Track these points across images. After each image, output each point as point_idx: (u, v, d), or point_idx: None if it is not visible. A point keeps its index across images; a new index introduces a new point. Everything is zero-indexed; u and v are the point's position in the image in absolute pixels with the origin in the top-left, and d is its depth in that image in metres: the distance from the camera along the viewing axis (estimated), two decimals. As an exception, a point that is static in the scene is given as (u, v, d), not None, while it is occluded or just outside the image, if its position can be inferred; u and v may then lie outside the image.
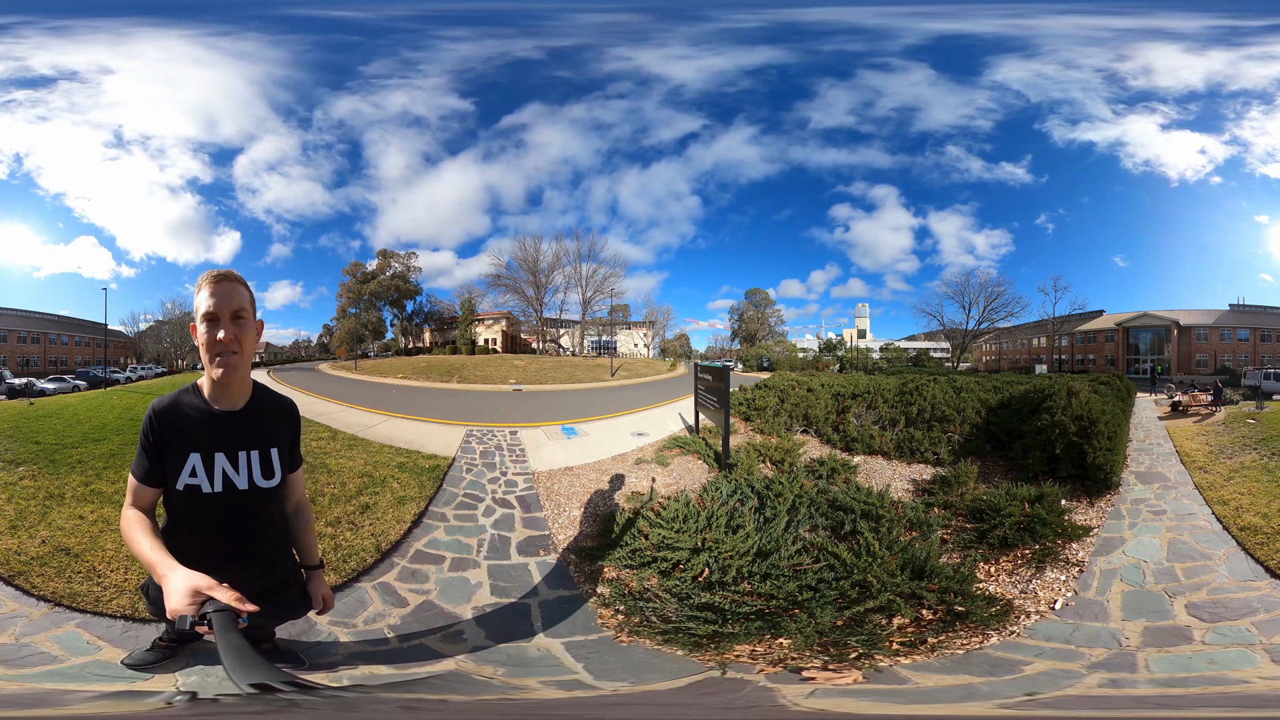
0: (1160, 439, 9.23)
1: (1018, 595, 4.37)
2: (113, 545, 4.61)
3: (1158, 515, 5.95)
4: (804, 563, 4.34)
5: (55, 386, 19.89)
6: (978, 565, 4.74)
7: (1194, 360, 25.72)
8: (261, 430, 2.12)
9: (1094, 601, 4.28)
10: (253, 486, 2.06)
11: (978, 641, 3.65)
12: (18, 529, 4.93)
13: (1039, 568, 4.73)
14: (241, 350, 1.96)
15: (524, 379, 21.50)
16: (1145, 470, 7.51)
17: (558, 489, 6.68)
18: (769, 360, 31.93)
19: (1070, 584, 4.56)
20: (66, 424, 9.11)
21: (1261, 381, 18.88)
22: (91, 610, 3.77)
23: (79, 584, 4.06)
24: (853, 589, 3.99)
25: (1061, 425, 6.96)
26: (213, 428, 2.02)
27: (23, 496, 5.73)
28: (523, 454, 8.06)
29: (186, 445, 1.99)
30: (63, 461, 6.82)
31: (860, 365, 30.91)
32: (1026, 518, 5.14)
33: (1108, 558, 5.00)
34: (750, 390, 11.03)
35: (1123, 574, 4.68)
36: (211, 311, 1.91)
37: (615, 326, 34.30)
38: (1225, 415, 10.58)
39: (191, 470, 1.99)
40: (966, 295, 30.54)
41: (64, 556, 4.43)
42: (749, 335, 34.96)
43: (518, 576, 4.63)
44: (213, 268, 2.01)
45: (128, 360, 29.21)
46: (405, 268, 32.27)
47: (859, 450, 8.06)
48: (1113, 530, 5.60)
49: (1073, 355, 29.45)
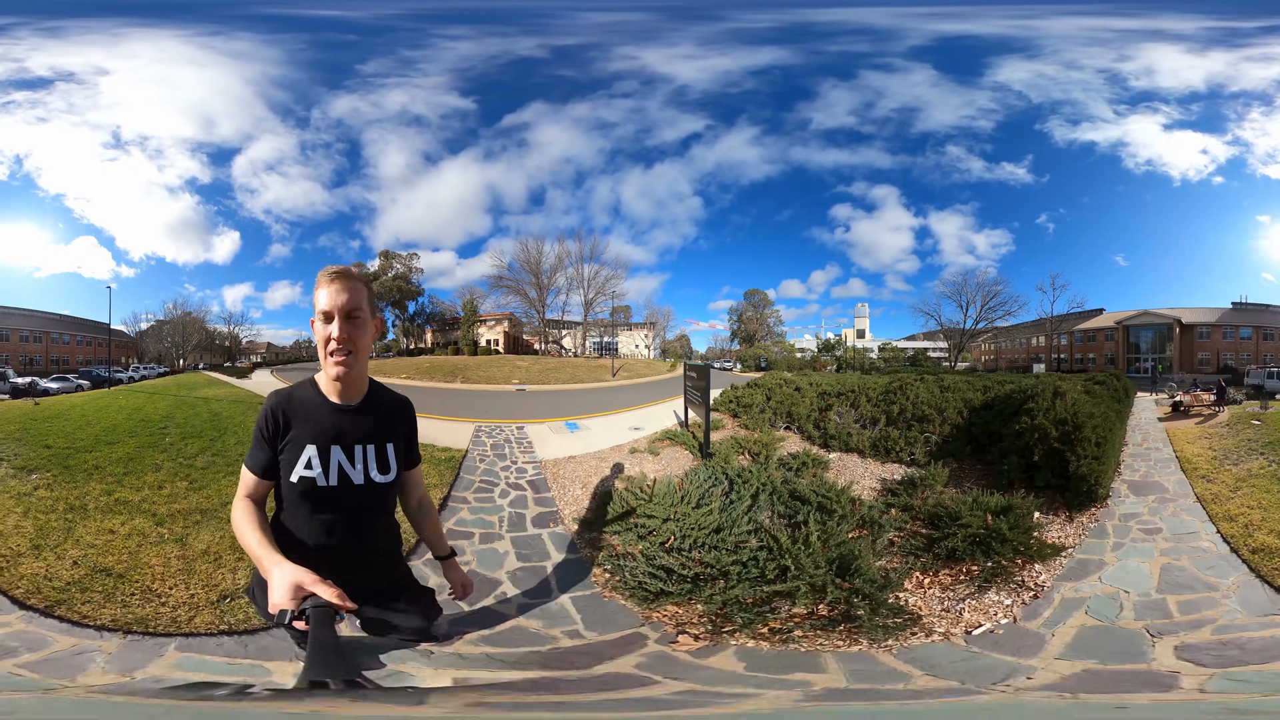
0: (1159, 442, 8.69)
1: (938, 613, 3.99)
2: (159, 560, 4.40)
3: (1150, 534, 5.20)
4: (749, 541, 4.60)
5: (59, 386, 19.87)
6: (913, 574, 4.47)
7: (1196, 359, 25.61)
8: (378, 425, 2.10)
9: (1032, 634, 3.70)
10: (368, 481, 2.04)
11: (851, 647, 3.51)
12: (41, 549, 4.47)
13: (982, 587, 4.22)
14: (356, 349, 1.97)
15: (527, 379, 21.62)
16: (1140, 479, 6.80)
17: (562, 474, 7.33)
18: (767, 360, 32.03)
19: (1012, 610, 3.98)
20: (76, 425, 9.04)
21: (1265, 381, 18.30)
22: (180, 632, 3.51)
23: (140, 607, 3.75)
24: (774, 571, 4.14)
25: (1041, 429, 6.38)
26: (330, 421, 2.02)
27: (41, 509, 5.30)
28: (530, 445, 8.67)
29: (303, 438, 1.98)
30: (78, 467, 6.62)
31: (858, 365, 31.00)
32: (985, 531, 4.64)
33: (1077, 584, 4.32)
34: (741, 389, 11.35)
35: (1091, 606, 3.98)
36: (327, 310, 1.92)
37: (617, 328, 34.37)
38: (1229, 416, 10.24)
39: (307, 463, 1.97)
40: (964, 294, 30.64)
41: (105, 578, 4.07)
42: (748, 336, 35.05)
43: (535, 545, 5.31)
44: (330, 265, 2.00)
45: (129, 360, 29.23)
46: (407, 269, 32.27)
47: (836, 447, 8.25)
48: (1092, 551, 4.90)
49: (1072, 354, 29.51)
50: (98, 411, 10.57)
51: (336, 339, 1.92)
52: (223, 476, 6.51)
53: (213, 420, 9.77)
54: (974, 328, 31.08)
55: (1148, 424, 10.18)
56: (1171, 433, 9.32)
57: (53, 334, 27.30)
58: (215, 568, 4.36)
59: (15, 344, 25.97)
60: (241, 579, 4.15)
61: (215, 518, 5.32)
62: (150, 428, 8.76)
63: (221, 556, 4.54)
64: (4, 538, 4.68)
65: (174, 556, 4.48)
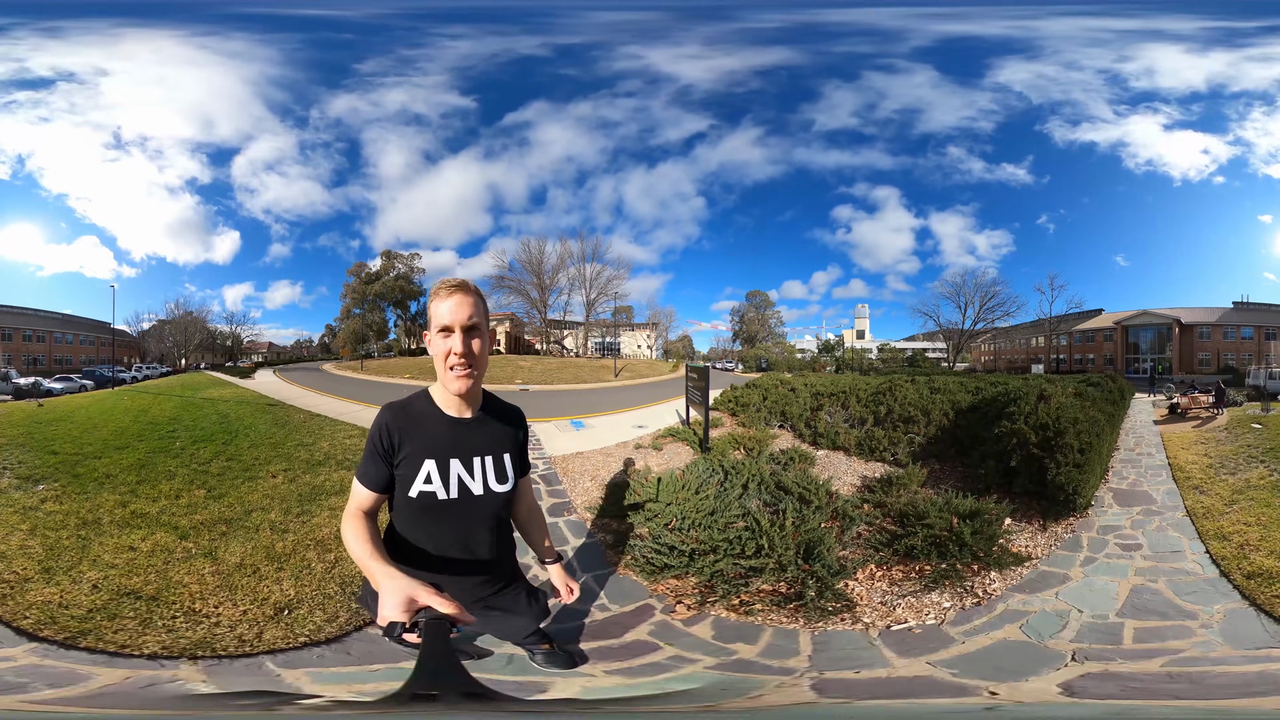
0: (1152, 447, 8.40)
1: (874, 605, 4.14)
2: (192, 578, 4.07)
3: (1128, 551, 4.84)
4: (736, 523, 5.00)
5: (63, 386, 19.86)
6: (868, 566, 4.64)
7: (1196, 359, 25.55)
8: (495, 435, 2.10)
9: (947, 639, 3.62)
10: (487, 491, 2.04)
11: (790, 624, 3.85)
12: (53, 572, 4.02)
13: (928, 587, 4.26)
14: (476, 363, 1.95)
15: (530, 379, 21.74)
16: (1127, 488, 6.46)
17: (572, 468, 7.56)
18: (767, 361, 32.15)
19: (945, 613, 3.93)
20: (82, 429, 8.84)
21: (1266, 381, 17.71)
22: (254, 651, 3.29)
23: (189, 631, 3.45)
24: (752, 549, 4.50)
25: (1020, 434, 6.20)
26: (448, 435, 2.01)
27: (50, 526, 4.83)
28: (539, 442, 8.85)
29: (421, 452, 1.96)
30: (87, 476, 6.25)
31: (856, 366, 31.10)
32: (947, 533, 4.66)
33: (1029, 597, 4.11)
34: (739, 389, 11.74)
35: (1030, 621, 3.76)
36: (448, 324, 1.90)
37: (619, 328, 34.42)
38: (1228, 419, 10.02)
39: (426, 477, 1.95)
40: (962, 295, 30.75)
41: (135, 602, 3.70)
42: (749, 337, 35.16)
43: (555, 532, 5.45)
44: (450, 276, 2.04)
45: (132, 360, 29.32)
46: (409, 269, 32.32)
47: (824, 445, 8.54)
48: (1058, 564, 4.65)
49: (1071, 355, 29.54)
50: (103, 413, 10.48)
51: (459, 354, 1.90)
52: (241, 483, 6.32)
53: (222, 423, 9.73)
54: (972, 328, 31.18)
55: (1142, 427, 9.97)
56: (1166, 437, 9.07)
57: (56, 333, 27.37)
58: (257, 581, 4.11)
59: (18, 343, 26.04)
60: (288, 589, 4.02)
61: (241, 527, 5.10)
62: (159, 431, 8.71)
63: (260, 568, 4.32)
64: (7, 560, 4.17)
65: (208, 573, 4.17)
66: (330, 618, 3.70)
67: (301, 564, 4.43)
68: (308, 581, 4.16)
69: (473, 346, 1.92)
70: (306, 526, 5.19)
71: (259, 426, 9.35)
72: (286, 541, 4.81)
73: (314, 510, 5.60)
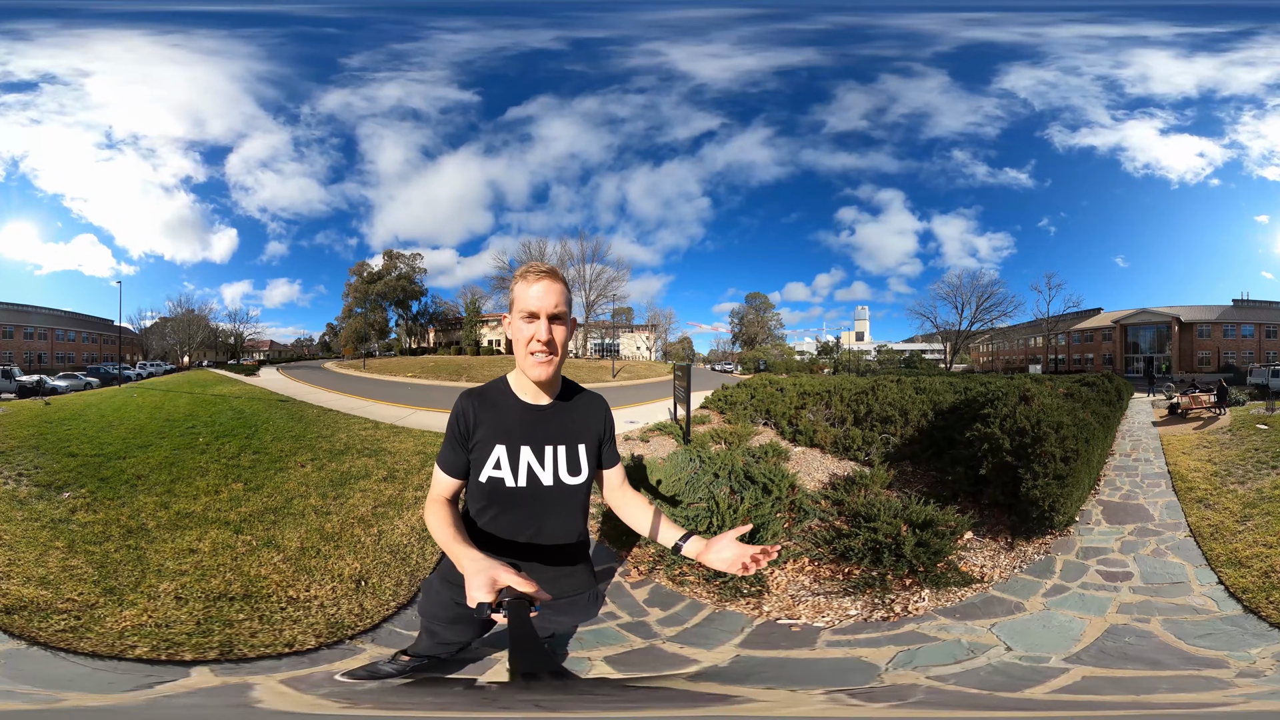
0: (1150, 452, 7.71)
1: (783, 596, 4.22)
2: (268, 569, 3.99)
3: (1112, 580, 3.94)
4: (698, 503, 5.33)
5: (68, 384, 19.76)
6: (800, 559, 4.66)
7: (1196, 358, 25.62)
8: (570, 425, 2.05)
9: (814, 642, 3.40)
10: (558, 482, 1.99)
11: (704, 598, 4.10)
12: (119, 591, 3.52)
13: (848, 592, 4.08)
14: (558, 350, 1.93)
15: (532, 379, 21.86)
16: (1120, 500, 5.67)
17: None
18: (765, 363, 32.33)
19: (847, 621, 3.71)
20: (98, 428, 8.56)
21: (1269, 379, 17.03)
22: (380, 620, 3.44)
23: (308, 616, 3.39)
24: (704, 526, 4.82)
25: (993, 440, 5.56)
26: (521, 421, 1.98)
27: (90, 539, 4.31)
28: None
29: (493, 437, 1.95)
30: (116, 479, 5.86)
31: (853, 367, 31.30)
32: (890, 539, 4.41)
33: (954, 623, 3.52)
34: (729, 388, 12.14)
35: (929, 652, 3.19)
36: (534, 309, 1.87)
37: (618, 329, 34.55)
38: (1231, 419, 9.51)
39: (496, 463, 1.94)
40: (959, 296, 31.02)
41: (230, 604, 3.47)
42: (749, 339, 35.36)
43: None
44: (535, 261, 2.01)
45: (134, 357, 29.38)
46: (410, 269, 32.44)
47: (802, 442, 8.61)
48: (1015, 591, 3.92)
49: (1069, 355, 29.68)
50: (116, 411, 10.36)
51: (542, 341, 1.88)
52: (274, 473, 6.37)
53: (239, 418, 9.76)
54: (969, 329, 31.43)
55: (1140, 429, 9.49)
56: (1166, 440, 8.42)
57: (58, 331, 27.37)
58: (323, 560, 4.24)
59: (20, 341, 26.05)
60: (353, 563, 4.23)
61: (287, 514, 5.16)
62: (178, 428, 8.71)
63: (320, 549, 4.43)
64: (52, 586, 3.56)
65: (278, 561, 4.16)
66: (397, 582, 4.02)
67: (353, 540, 4.68)
68: (365, 554, 4.43)
69: (555, 334, 1.90)
70: (345, 507, 5.42)
71: (276, 421, 9.46)
72: (333, 522, 5.02)
73: (347, 493, 5.83)
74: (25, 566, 3.84)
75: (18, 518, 4.73)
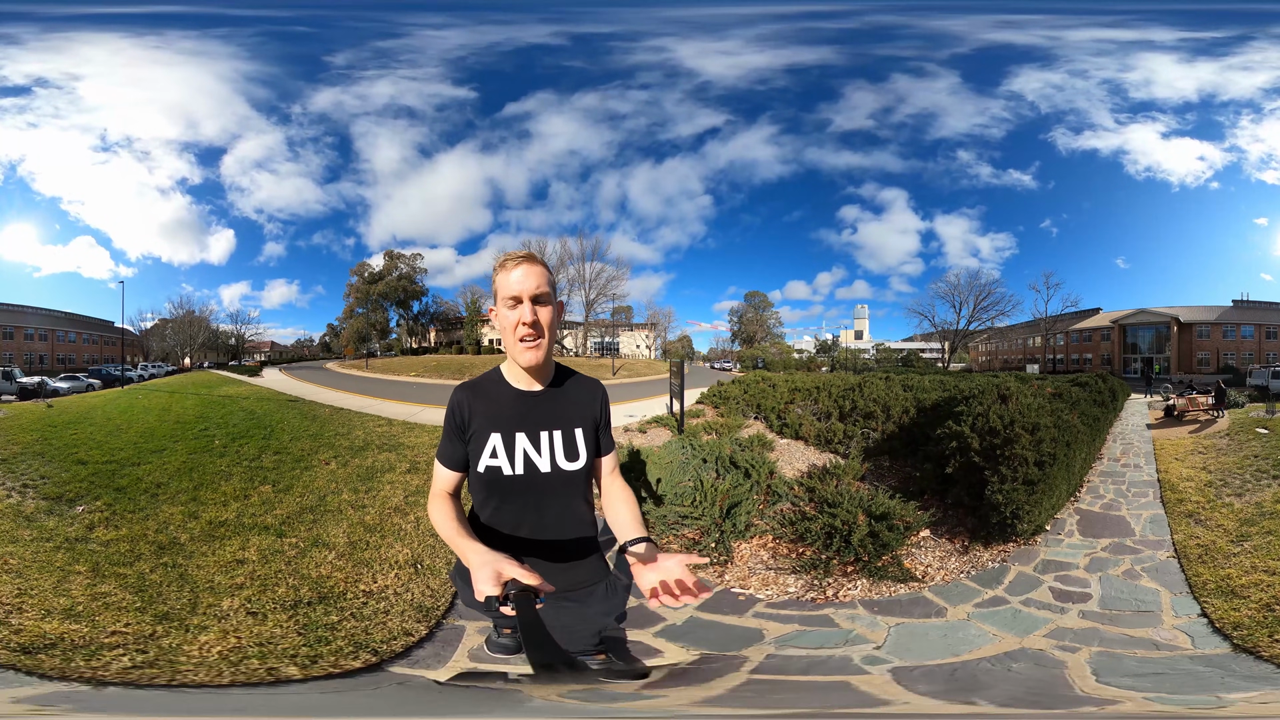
0: (1141, 458, 7.20)
1: (744, 567, 4.65)
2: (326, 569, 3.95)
3: (1062, 601, 3.40)
4: (686, 483, 5.70)
5: (70, 386, 19.72)
6: (765, 537, 5.14)
7: (1195, 359, 25.63)
8: (565, 410, 2.02)
9: (741, 610, 3.52)
10: (555, 468, 1.96)
11: None
12: (174, 618, 3.07)
13: (794, 570, 4.37)
14: (544, 333, 1.90)
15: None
16: (1100, 510, 5.21)
17: None
18: (764, 361, 32.48)
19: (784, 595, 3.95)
20: (106, 432, 8.26)
21: (1270, 381, 16.31)
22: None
23: (392, 605, 3.39)
24: (689, 501, 5.22)
25: (961, 438, 5.39)
26: (514, 407, 1.96)
27: (118, 560, 3.81)
28: None
29: (488, 425, 1.93)
30: (134, 489, 5.50)
31: (851, 366, 31.45)
32: (844, 526, 4.43)
33: (871, 617, 3.34)
34: (725, 384, 12.84)
35: (797, 636, 3.11)
36: (516, 294, 1.86)
37: (618, 328, 34.63)
38: (1229, 422, 9.22)
39: (492, 451, 1.92)
40: (957, 295, 31.17)
41: (311, 610, 3.26)
42: (748, 337, 35.49)
43: None
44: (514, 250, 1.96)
45: (135, 358, 29.43)
46: (411, 269, 32.49)
47: (788, 435, 9.06)
48: (948, 596, 3.60)
49: (1068, 355, 29.79)
50: (122, 413, 10.12)
51: (527, 324, 1.85)
52: (301, 472, 6.34)
53: (251, 419, 9.64)
54: (967, 328, 31.59)
55: (1132, 432, 9.01)
56: (1159, 444, 7.90)
57: (58, 332, 27.41)
58: (375, 552, 4.24)
59: (20, 342, 26.08)
60: (402, 550, 4.36)
61: (324, 511, 5.14)
62: (190, 430, 8.56)
63: (368, 541, 4.49)
64: (86, 618, 3.00)
65: (333, 559, 4.06)
66: (447, 562, 4.09)
67: (395, 529, 4.78)
68: (410, 540, 4.54)
69: (541, 316, 1.87)
70: (378, 499, 5.54)
71: (290, 421, 9.48)
72: (371, 514, 5.12)
73: (376, 486, 5.94)
74: (42, 596, 3.29)
75: (25, 537, 4.18)
